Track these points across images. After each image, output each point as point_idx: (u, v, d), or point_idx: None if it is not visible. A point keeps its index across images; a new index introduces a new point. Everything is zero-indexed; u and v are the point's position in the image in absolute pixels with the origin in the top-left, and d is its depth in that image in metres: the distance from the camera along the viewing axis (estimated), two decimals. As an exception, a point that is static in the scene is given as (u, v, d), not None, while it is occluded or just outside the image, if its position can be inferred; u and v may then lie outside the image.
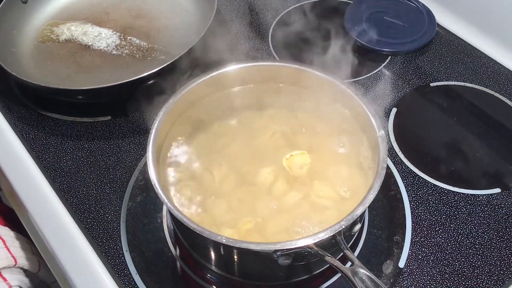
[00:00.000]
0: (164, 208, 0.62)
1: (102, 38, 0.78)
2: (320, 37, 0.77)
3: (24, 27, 0.80)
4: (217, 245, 0.50)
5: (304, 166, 0.55)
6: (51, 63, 0.76)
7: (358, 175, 0.56)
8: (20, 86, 0.74)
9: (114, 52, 0.77)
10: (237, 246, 0.47)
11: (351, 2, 0.85)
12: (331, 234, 0.47)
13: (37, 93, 0.72)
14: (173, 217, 0.55)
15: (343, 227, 0.47)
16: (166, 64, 0.67)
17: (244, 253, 0.50)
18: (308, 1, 0.86)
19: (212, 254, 0.54)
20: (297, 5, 0.86)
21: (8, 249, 0.66)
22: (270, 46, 0.80)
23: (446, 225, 0.60)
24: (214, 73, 0.60)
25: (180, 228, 0.56)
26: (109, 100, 0.71)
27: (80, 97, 0.69)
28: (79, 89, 0.67)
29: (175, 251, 0.58)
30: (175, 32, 0.80)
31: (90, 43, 0.78)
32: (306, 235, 0.49)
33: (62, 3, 0.85)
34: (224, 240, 0.46)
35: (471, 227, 0.59)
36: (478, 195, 0.62)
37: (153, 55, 0.76)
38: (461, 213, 0.60)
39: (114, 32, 0.79)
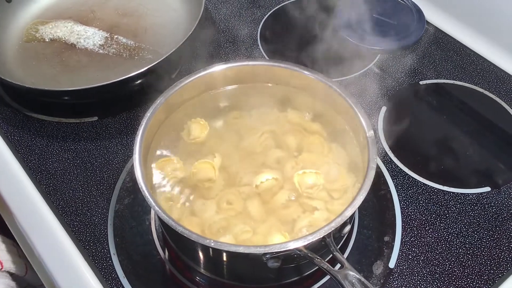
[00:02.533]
0: (152, 210, 0.61)
1: (89, 37, 0.77)
2: (310, 35, 0.76)
3: (8, 27, 0.79)
4: (205, 248, 0.50)
5: (314, 187, 0.54)
6: (36, 63, 0.75)
7: (347, 175, 0.55)
8: (4, 86, 0.73)
9: (100, 51, 0.76)
10: (225, 250, 0.46)
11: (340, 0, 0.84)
12: (321, 237, 0.46)
13: (22, 94, 0.70)
14: (161, 220, 0.54)
15: (333, 229, 0.47)
16: (153, 64, 0.66)
17: (233, 256, 0.49)
18: (297, -1, 0.86)
19: (201, 257, 0.53)
20: (286, 3, 0.85)
21: (-6, 253, 0.65)
22: (259, 44, 0.79)
23: (436, 224, 0.59)
24: (202, 74, 0.59)
25: (168, 231, 0.55)
26: (96, 101, 0.70)
27: (66, 98, 0.68)
28: (65, 90, 0.66)
29: (163, 254, 0.58)
30: (163, 30, 0.79)
31: (76, 42, 0.77)
32: (295, 237, 0.48)
33: (47, 2, 0.84)
34: (212, 244, 0.46)
35: (461, 226, 0.59)
36: (468, 194, 0.62)
37: (141, 54, 0.75)
38: (451, 212, 0.60)
39: (100, 30, 0.78)
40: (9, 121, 0.69)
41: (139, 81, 0.66)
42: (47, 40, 0.77)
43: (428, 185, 0.63)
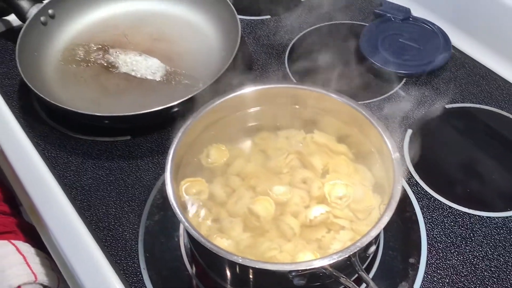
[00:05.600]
0: (181, 226, 0.63)
1: (127, 62, 0.79)
2: (336, 59, 0.78)
3: (46, 48, 0.81)
4: (233, 264, 0.51)
5: (343, 198, 0.55)
6: (75, 85, 0.77)
7: (372, 196, 0.56)
8: (42, 105, 0.76)
9: (138, 75, 0.78)
10: (253, 266, 0.47)
11: (367, 24, 0.86)
12: (346, 256, 0.47)
13: (61, 114, 0.73)
14: (190, 236, 0.56)
15: (358, 248, 0.48)
16: (195, 93, 0.68)
17: (260, 272, 0.50)
18: (323, 24, 0.88)
19: (228, 273, 0.54)
20: (313, 27, 0.87)
21: (29, 265, 0.67)
22: (286, 67, 0.81)
23: (462, 247, 0.60)
24: (231, 95, 0.61)
25: (197, 247, 0.57)
26: (137, 125, 0.73)
27: (106, 122, 0.70)
28: (107, 115, 0.68)
29: (191, 270, 0.59)
30: (197, 56, 0.81)
31: (113, 66, 0.79)
32: (321, 256, 0.49)
33: (81, 26, 0.86)
34: (240, 260, 0.47)
35: (487, 249, 0.59)
36: (494, 217, 0.62)
37: (177, 79, 0.77)
38: (477, 236, 0.60)
39: (137, 55, 0.80)
40: (46, 139, 0.72)
41: (177, 108, 0.68)
42: (84, 63, 0.80)
43: (454, 208, 0.63)
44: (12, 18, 0.88)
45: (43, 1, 0.82)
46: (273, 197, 0.56)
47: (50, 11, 0.82)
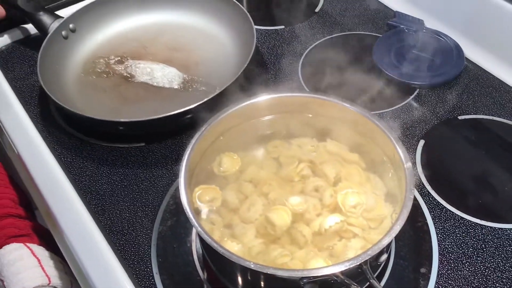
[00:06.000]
0: (193, 232, 0.63)
1: (145, 71, 0.81)
2: (349, 69, 0.79)
3: (67, 61, 0.83)
4: (244, 270, 0.51)
5: (357, 206, 0.55)
6: (96, 96, 0.79)
7: (384, 205, 0.57)
8: (60, 112, 0.78)
9: (156, 84, 0.80)
10: (264, 272, 0.48)
11: (380, 35, 0.86)
12: (357, 263, 0.48)
13: (80, 123, 0.75)
14: (202, 241, 0.56)
15: (370, 256, 0.48)
16: (208, 98, 0.69)
17: (271, 279, 0.51)
18: (337, 34, 0.88)
19: (239, 279, 0.55)
20: (327, 37, 0.88)
21: (43, 268, 0.68)
22: (300, 77, 0.82)
23: (473, 258, 0.60)
24: (245, 103, 0.62)
25: (209, 252, 0.57)
26: (152, 132, 0.74)
27: (122, 128, 0.71)
28: (125, 121, 0.70)
29: (203, 275, 0.60)
30: (213, 64, 0.82)
31: (133, 76, 0.81)
32: (333, 263, 0.50)
33: (101, 39, 0.88)
34: (252, 266, 0.48)
35: (498, 260, 0.59)
36: (506, 229, 0.62)
37: (194, 86, 0.79)
38: (488, 247, 0.60)
39: (154, 65, 0.82)
40: (63, 144, 0.74)
41: (191, 114, 0.69)
42: (105, 75, 0.82)
43: (466, 219, 0.63)
44: (30, 26, 0.90)
45: (64, 16, 0.84)
46: (289, 207, 0.56)
47: (71, 25, 0.84)
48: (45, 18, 0.83)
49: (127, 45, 0.87)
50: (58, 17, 0.84)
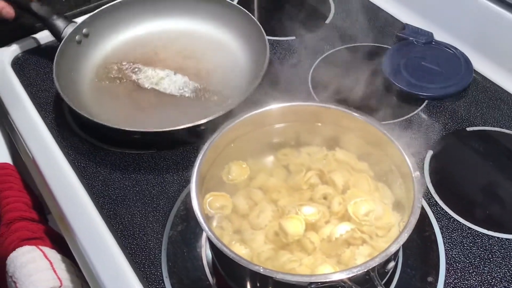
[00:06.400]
0: (203, 237, 0.64)
1: (158, 79, 0.82)
2: (358, 80, 0.80)
3: (80, 67, 0.84)
4: (253, 274, 0.52)
5: (370, 213, 0.56)
6: (109, 102, 0.80)
7: (392, 214, 0.57)
8: (74, 117, 0.79)
9: (168, 92, 0.81)
10: (273, 277, 0.49)
11: (389, 47, 0.87)
12: (365, 270, 0.48)
13: (94, 128, 0.76)
14: (212, 246, 0.57)
15: (377, 263, 0.49)
16: (226, 112, 0.70)
17: (280, 284, 0.51)
18: (347, 45, 0.90)
19: (248, 284, 0.56)
20: (337, 48, 0.89)
21: (55, 271, 0.69)
22: (310, 87, 0.83)
23: (480, 268, 0.60)
24: (256, 112, 0.63)
25: (218, 256, 0.58)
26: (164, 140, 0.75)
27: (136, 136, 0.72)
28: (139, 130, 0.71)
29: (212, 280, 0.61)
30: (225, 73, 0.84)
31: (144, 83, 0.82)
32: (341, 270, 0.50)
33: (113, 45, 0.89)
34: (261, 270, 0.48)
35: (505, 271, 0.59)
36: (513, 239, 0.62)
37: (206, 96, 0.80)
38: (495, 257, 0.61)
39: (168, 72, 0.83)
40: (77, 149, 0.75)
41: (204, 127, 0.71)
42: (118, 80, 0.83)
43: (473, 229, 0.64)
44: (44, 35, 0.92)
45: (77, 21, 0.86)
46: (302, 217, 0.57)
47: (84, 30, 0.85)
48: (59, 22, 0.84)
49: (139, 51, 0.88)
50: (71, 21, 0.85)
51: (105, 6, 0.89)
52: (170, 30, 0.91)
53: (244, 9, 0.87)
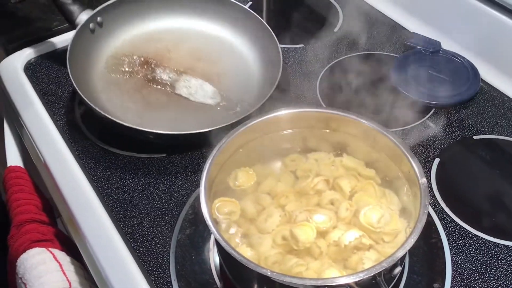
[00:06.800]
0: (211, 241, 0.65)
1: (168, 78, 0.83)
2: (366, 87, 0.81)
3: (92, 56, 0.84)
4: (261, 277, 0.53)
5: (381, 220, 0.56)
6: (119, 96, 0.80)
7: (399, 220, 0.58)
8: (85, 121, 0.81)
9: (177, 92, 0.82)
10: (280, 280, 0.49)
11: (397, 56, 0.88)
12: (371, 275, 0.49)
13: (106, 127, 0.77)
14: (220, 249, 0.58)
15: (384, 268, 0.49)
16: (235, 120, 0.70)
17: (287, 287, 0.52)
18: (355, 53, 0.90)
19: (256, 287, 0.56)
20: (345, 56, 0.90)
21: (64, 273, 0.70)
22: (318, 94, 0.84)
23: (486, 275, 0.60)
24: (265, 117, 0.64)
25: (226, 260, 0.59)
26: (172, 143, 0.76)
27: (151, 136, 0.73)
28: (152, 131, 0.71)
29: (219, 283, 0.61)
30: (235, 79, 0.84)
31: (154, 80, 0.83)
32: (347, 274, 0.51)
33: (126, 36, 0.89)
34: (269, 273, 0.49)
35: (511, 278, 0.60)
36: (520, 247, 0.63)
37: (216, 100, 0.81)
38: (501, 264, 0.61)
39: (177, 73, 0.84)
40: (87, 153, 0.76)
41: (214, 133, 0.71)
42: (127, 74, 0.83)
43: (479, 236, 0.64)
44: (56, 41, 0.94)
45: (94, 9, 0.84)
46: (313, 224, 0.57)
47: (98, 19, 0.84)
48: (74, 8, 0.83)
49: (151, 47, 0.88)
50: (87, 8, 0.84)
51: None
52: (183, 28, 0.91)
53: (258, 16, 0.87)
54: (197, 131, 0.70)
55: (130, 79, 0.83)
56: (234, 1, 0.89)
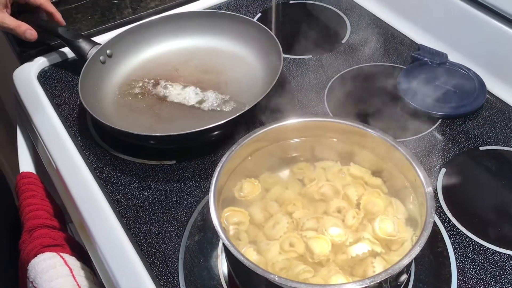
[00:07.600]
0: (219, 247, 0.66)
1: (178, 92, 0.86)
2: (373, 98, 0.82)
3: (104, 84, 0.88)
4: (268, 284, 0.54)
5: (395, 229, 0.57)
6: (131, 115, 0.84)
7: (405, 229, 0.59)
8: (96, 129, 0.82)
9: (188, 103, 0.84)
10: (288, 286, 0.50)
11: (404, 67, 0.89)
12: (377, 281, 0.50)
13: (115, 137, 0.79)
14: (228, 255, 0.59)
15: (390, 275, 0.50)
16: (241, 113, 0.73)
17: (294, 293, 0.53)
18: (362, 65, 0.92)
19: (263, 293, 0.57)
20: (352, 68, 0.91)
21: (74, 278, 0.71)
22: (325, 105, 0.85)
23: (492, 284, 0.61)
24: (273, 126, 0.65)
25: (234, 266, 0.60)
26: (176, 147, 0.78)
27: (152, 142, 0.75)
28: (156, 135, 0.74)
29: (227, 289, 0.62)
30: (242, 83, 0.87)
31: (166, 97, 0.86)
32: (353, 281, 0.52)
33: (135, 63, 0.93)
34: (276, 279, 0.50)
35: (517, 288, 0.60)
36: (525, 257, 0.63)
37: (224, 105, 0.83)
38: (507, 274, 0.62)
39: (187, 87, 0.87)
40: (99, 160, 0.78)
41: (220, 130, 0.73)
42: (140, 96, 0.87)
43: (485, 246, 0.65)
44: (68, 50, 0.95)
45: (101, 43, 0.89)
46: (328, 237, 0.58)
47: (108, 51, 0.89)
48: (84, 44, 0.88)
49: (160, 69, 0.92)
50: (96, 43, 0.89)
51: (127, 27, 0.93)
52: (189, 47, 0.95)
53: (262, 25, 0.90)
54: (203, 128, 0.72)
55: (142, 100, 0.87)
56: (227, 12, 0.94)
